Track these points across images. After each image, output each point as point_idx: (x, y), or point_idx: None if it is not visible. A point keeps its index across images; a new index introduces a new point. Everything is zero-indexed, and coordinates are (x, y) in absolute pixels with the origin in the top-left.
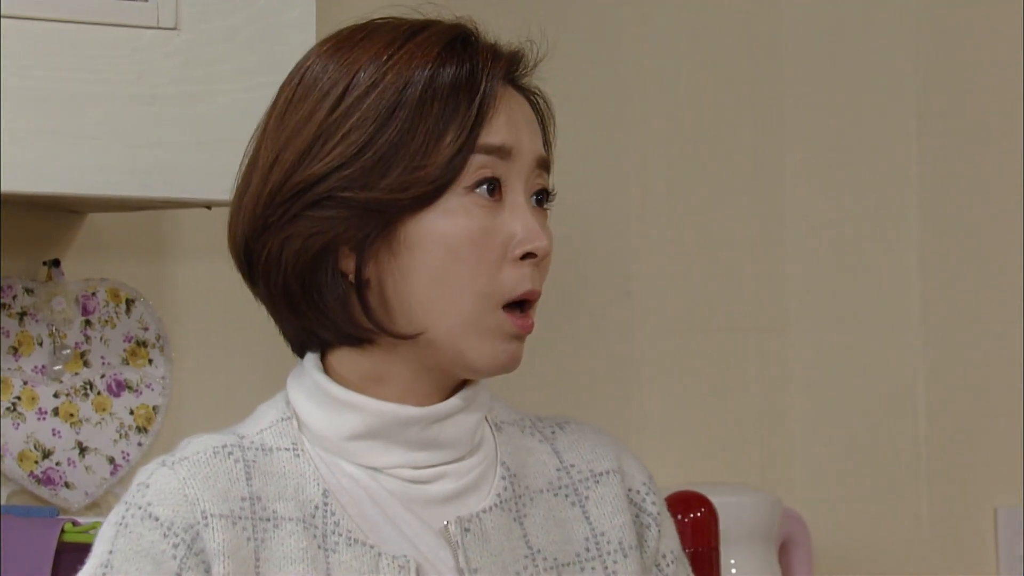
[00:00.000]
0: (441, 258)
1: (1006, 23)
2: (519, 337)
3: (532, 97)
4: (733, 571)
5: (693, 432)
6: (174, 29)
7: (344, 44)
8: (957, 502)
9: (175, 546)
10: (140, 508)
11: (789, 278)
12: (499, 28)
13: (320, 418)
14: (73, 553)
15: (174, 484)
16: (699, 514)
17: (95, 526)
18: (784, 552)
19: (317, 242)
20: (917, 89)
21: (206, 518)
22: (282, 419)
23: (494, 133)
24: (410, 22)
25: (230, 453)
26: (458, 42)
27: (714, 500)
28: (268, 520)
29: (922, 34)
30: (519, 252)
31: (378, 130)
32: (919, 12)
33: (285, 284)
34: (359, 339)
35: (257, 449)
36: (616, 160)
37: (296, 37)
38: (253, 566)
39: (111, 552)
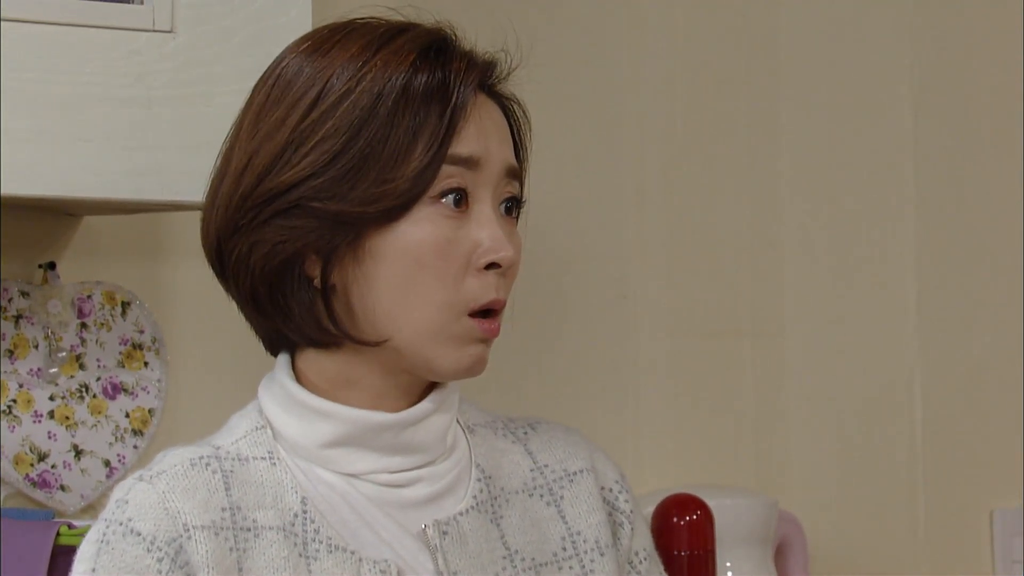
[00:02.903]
0: (405, 267)
1: (1003, 25)
2: (484, 341)
3: (507, 104)
4: (729, 574)
5: (689, 435)
6: (170, 32)
7: (321, 45)
8: (953, 505)
9: (159, 560)
10: (121, 524)
11: (785, 281)
12: (492, 29)
13: (294, 426)
14: (69, 556)
15: (154, 498)
16: (695, 517)
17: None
18: (780, 555)
19: (285, 249)
20: (913, 92)
21: (188, 530)
22: (256, 428)
23: (463, 144)
24: (387, 25)
25: (207, 464)
26: (432, 50)
27: (710, 503)
28: (249, 530)
29: (918, 37)
30: (483, 262)
31: (349, 141)
32: (915, 14)
33: (252, 287)
34: (325, 343)
35: (234, 459)
36: (612, 163)
37: (292, 39)
38: None
39: (94, 570)
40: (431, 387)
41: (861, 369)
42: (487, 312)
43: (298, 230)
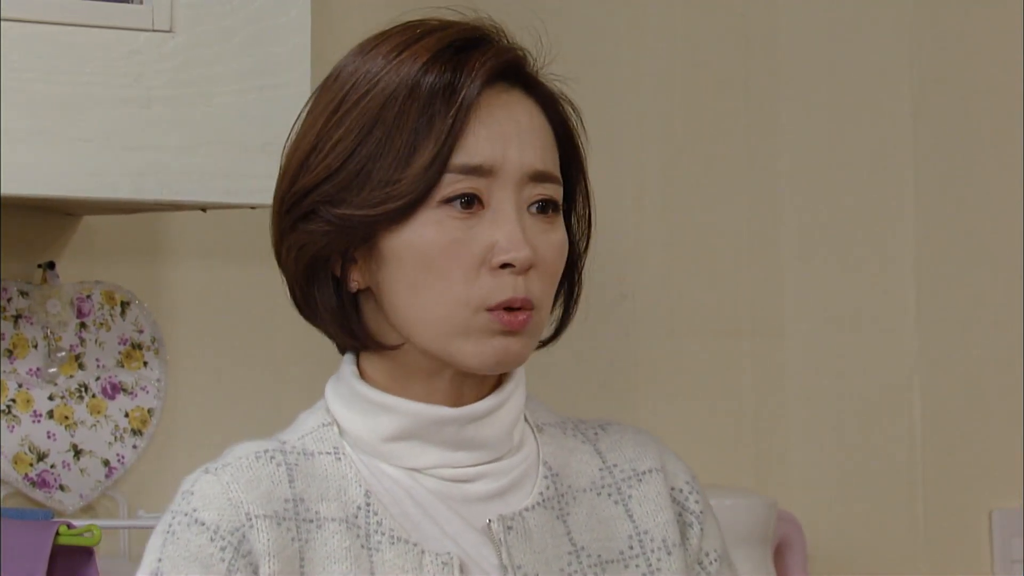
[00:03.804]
0: (415, 269)
1: (1003, 25)
2: (508, 333)
3: (554, 102)
4: None
5: (688, 435)
6: (169, 32)
7: (365, 47)
8: (953, 505)
9: (222, 549)
10: (186, 515)
11: (784, 282)
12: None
13: (357, 422)
14: (68, 556)
15: (218, 489)
16: None
17: (90, 529)
18: (779, 554)
19: (306, 254)
20: (913, 92)
21: (251, 520)
22: (322, 425)
23: (471, 151)
24: (425, 25)
25: (272, 457)
26: (452, 48)
27: (710, 503)
28: (311, 521)
29: (918, 37)
30: (497, 262)
31: (359, 144)
32: (915, 14)
33: (291, 289)
34: (358, 347)
35: (299, 453)
36: (611, 163)
37: (291, 40)
38: (298, 566)
39: (160, 560)
40: (496, 384)
41: (861, 369)
42: (511, 309)
43: (315, 234)
